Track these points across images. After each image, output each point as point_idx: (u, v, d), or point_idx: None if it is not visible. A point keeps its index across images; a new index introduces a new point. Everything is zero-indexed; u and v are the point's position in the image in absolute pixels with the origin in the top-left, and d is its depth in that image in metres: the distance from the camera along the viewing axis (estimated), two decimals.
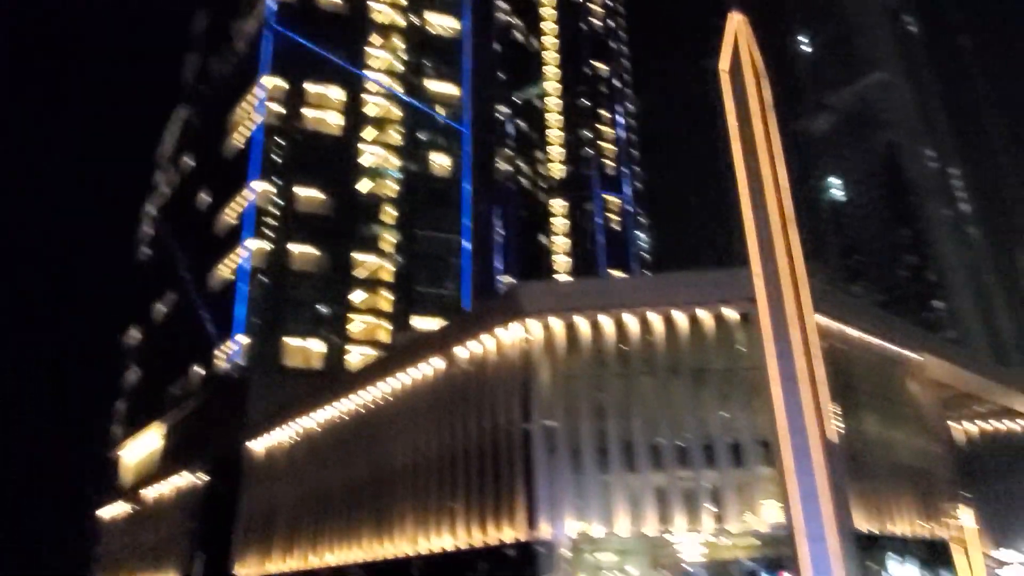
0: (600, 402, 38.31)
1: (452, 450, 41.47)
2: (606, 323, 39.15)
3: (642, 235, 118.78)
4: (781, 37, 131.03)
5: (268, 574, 55.38)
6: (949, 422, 55.82)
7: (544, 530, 35.81)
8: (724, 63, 34.70)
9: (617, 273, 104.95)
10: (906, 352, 46.89)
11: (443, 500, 41.25)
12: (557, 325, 39.13)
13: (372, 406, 49.07)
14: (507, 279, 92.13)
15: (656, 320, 39.04)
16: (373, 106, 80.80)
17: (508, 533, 37.00)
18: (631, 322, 39.09)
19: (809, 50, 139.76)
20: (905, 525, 40.96)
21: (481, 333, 41.73)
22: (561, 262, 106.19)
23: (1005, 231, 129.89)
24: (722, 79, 34.69)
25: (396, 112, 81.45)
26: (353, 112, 78.86)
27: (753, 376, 37.45)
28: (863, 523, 37.67)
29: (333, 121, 78.02)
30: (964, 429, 56.26)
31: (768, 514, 35.68)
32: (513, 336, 39.78)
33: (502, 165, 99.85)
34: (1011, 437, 56.98)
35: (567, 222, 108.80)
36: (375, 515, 46.16)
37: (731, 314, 38.66)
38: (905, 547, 41.29)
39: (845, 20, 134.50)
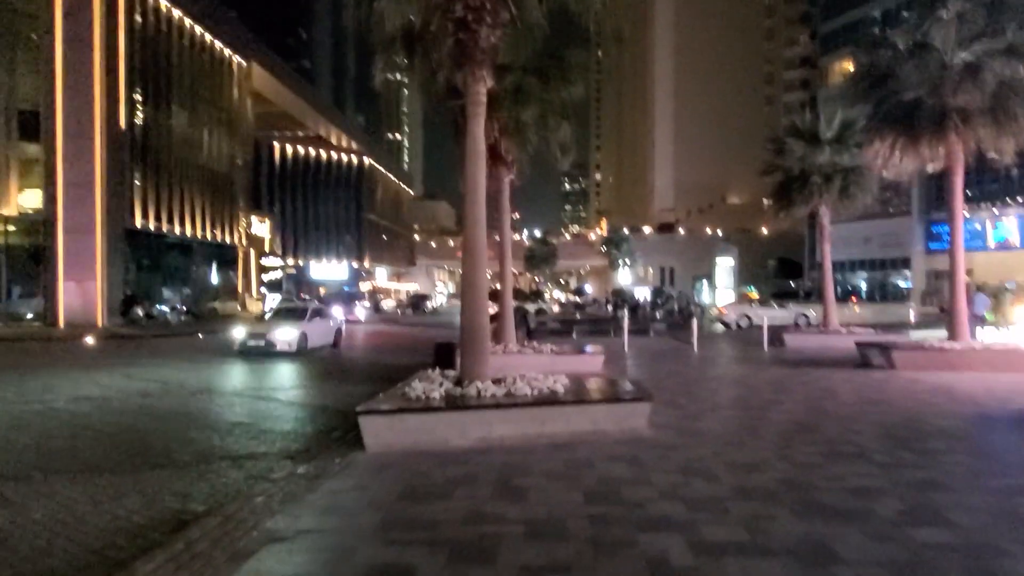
0: None
1: None
2: None
3: None
4: None
5: None
6: (273, 141, 57.88)
7: None
8: None
9: None
10: (233, 54, 44.58)
11: None
12: None
13: None
14: None
15: None
16: None
17: None
18: None
19: None
20: (197, 228, 40.60)
21: None
22: None
23: None
24: None
25: None
26: None
27: (33, 33, 29.95)
28: (146, 221, 35.54)
29: None
30: (279, 147, 59.03)
31: (25, 199, 30.22)
32: None
33: None
34: (316, 161, 62.52)
35: None
36: None
37: None
38: (203, 248, 41.39)
39: None
